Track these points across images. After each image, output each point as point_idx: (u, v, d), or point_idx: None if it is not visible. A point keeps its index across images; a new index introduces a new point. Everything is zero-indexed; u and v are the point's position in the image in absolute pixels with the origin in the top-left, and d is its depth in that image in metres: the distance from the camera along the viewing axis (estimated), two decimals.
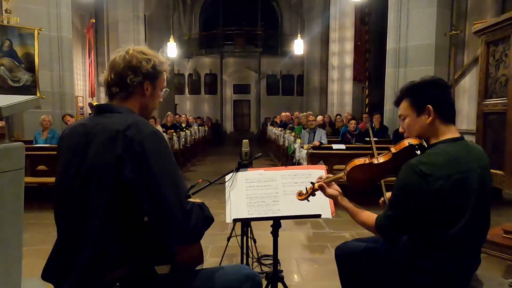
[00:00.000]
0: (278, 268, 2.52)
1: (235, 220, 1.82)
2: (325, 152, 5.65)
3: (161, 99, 1.42)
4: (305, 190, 1.64)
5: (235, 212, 1.80)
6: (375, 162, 1.49)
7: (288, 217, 1.85)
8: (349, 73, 12.50)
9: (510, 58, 2.73)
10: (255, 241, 2.89)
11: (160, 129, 7.73)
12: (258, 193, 1.84)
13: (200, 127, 11.78)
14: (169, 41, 12.56)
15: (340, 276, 1.71)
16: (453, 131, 1.41)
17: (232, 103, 21.46)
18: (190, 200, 1.21)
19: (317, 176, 1.71)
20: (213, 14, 20.68)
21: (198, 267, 1.41)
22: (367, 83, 11.52)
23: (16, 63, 6.18)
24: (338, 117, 9.37)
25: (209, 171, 8.66)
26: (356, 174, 1.53)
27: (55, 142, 5.68)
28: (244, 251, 2.54)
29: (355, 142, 6.83)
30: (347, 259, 1.65)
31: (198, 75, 21.15)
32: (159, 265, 1.30)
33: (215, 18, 20.12)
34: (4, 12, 6.11)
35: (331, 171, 2.21)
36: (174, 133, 8.18)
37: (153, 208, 1.15)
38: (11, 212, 1.06)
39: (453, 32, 6.83)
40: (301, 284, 2.86)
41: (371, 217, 1.45)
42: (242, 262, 2.56)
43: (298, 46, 13.44)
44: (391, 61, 7.48)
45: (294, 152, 6.51)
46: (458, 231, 1.31)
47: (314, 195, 1.63)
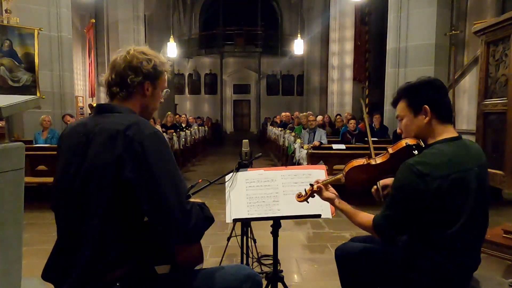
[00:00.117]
0: (278, 268, 2.52)
1: (235, 220, 1.83)
2: (325, 152, 5.65)
3: (162, 100, 1.42)
4: (304, 191, 1.64)
5: (235, 212, 1.80)
6: (372, 163, 1.50)
7: (288, 217, 1.85)
8: (349, 73, 12.50)
9: (510, 58, 2.73)
10: (255, 241, 2.89)
11: (160, 129, 7.72)
12: (258, 193, 1.84)
13: (200, 127, 11.77)
14: (169, 41, 12.54)
15: (340, 276, 1.71)
16: (450, 131, 1.42)
17: (232, 103, 21.47)
18: (190, 200, 1.21)
19: (317, 176, 1.71)
20: (213, 14, 20.68)
21: (198, 267, 1.41)
22: (367, 83, 11.51)
23: (16, 63, 6.18)
24: (338, 117, 9.38)
25: (209, 171, 8.66)
26: (354, 175, 1.54)
27: (55, 142, 5.68)
28: (244, 251, 2.54)
29: (355, 142, 6.83)
30: (347, 260, 1.65)
31: (198, 75, 21.15)
32: (159, 265, 1.30)
33: (215, 18, 20.12)
34: (4, 12, 6.11)
35: (331, 171, 2.21)
36: (174, 133, 8.18)
37: (153, 208, 1.15)
38: (11, 212, 1.05)
39: (453, 32, 6.84)
40: (301, 284, 2.86)
41: (368, 218, 1.45)
42: (242, 262, 2.56)
43: (298, 46, 13.43)
44: (391, 61, 7.48)
45: (294, 152, 6.51)
46: (457, 230, 1.31)
47: (313, 196, 1.64)
